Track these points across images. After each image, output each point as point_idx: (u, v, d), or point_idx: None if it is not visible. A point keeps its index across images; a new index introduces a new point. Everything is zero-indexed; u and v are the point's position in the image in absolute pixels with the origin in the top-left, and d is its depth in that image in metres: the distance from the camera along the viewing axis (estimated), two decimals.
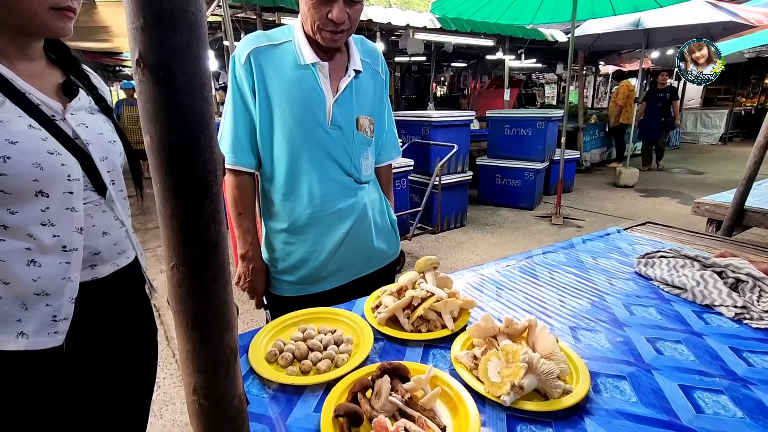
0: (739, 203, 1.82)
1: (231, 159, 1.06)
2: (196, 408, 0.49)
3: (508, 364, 0.71)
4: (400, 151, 1.35)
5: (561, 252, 1.38)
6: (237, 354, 0.50)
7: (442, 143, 3.89)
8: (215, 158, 0.41)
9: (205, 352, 0.47)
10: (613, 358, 0.82)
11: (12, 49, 0.75)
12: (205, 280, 0.44)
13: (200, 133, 0.39)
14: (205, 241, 0.43)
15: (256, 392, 0.72)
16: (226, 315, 0.47)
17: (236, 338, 0.50)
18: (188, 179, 0.40)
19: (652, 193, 5.96)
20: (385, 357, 0.82)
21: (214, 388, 0.49)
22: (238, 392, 0.52)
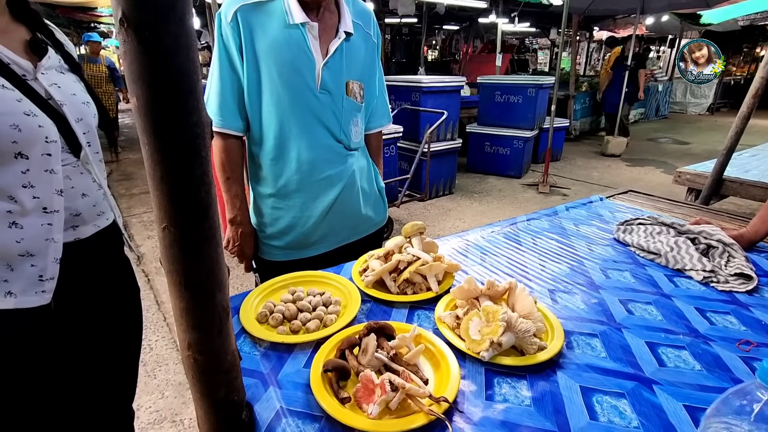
0: (718, 173, 1.87)
1: (218, 122, 1.05)
2: (191, 362, 0.52)
3: (488, 323, 0.75)
4: (391, 118, 1.34)
5: (545, 219, 1.42)
6: (229, 312, 0.52)
7: (432, 110, 3.85)
8: (203, 121, 0.42)
9: (198, 310, 0.49)
10: (587, 318, 0.87)
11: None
12: (197, 240, 0.45)
13: (188, 94, 0.40)
14: (195, 203, 0.44)
15: (248, 350, 0.75)
16: (218, 275, 0.49)
17: (228, 297, 0.52)
18: (177, 142, 0.41)
19: (638, 163, 6.04)
20: (372, 318, 0.86)
21: (208, 344, 0.51)
22: (231, 348, 0.54)
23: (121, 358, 1.00)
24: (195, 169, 0.42)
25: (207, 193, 0.44)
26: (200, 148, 0.42)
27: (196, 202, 0.43)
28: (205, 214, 0.44)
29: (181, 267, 0.45)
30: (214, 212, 0.46)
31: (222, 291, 0.50)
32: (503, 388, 0.67)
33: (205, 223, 0.45)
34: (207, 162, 0.43)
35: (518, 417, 0.61)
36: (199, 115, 0.41)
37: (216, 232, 0.47)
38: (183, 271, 0.46)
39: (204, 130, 0.42)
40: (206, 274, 0.47)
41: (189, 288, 0.47)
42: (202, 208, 0.44)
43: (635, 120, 9.94)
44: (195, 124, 0.41)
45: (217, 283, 0.49)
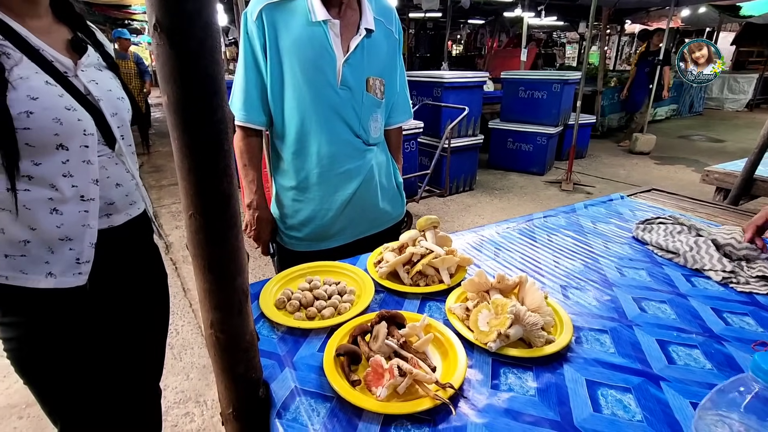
0: (749, 172, 1.81)
1: (242, 116, 1.09)
2: (214, 340, 0.56)
3: (497, 315, 0.77)
4: (412, 114, 1.36)
5: (562, 216, 1.41)
6: (248, 295, 0.56)
7: (453, 105, 3.83)
8: (226, 117, 0.45)
9: (220, 291, 0.53)
10: (598, 314, 0.87)
11: (21, 5, 0.77)
12: (219, 227, 0.49)
13: (213, 94, 0.43)
14: (218, 193, 0.47)
15: (267, 333, 0.80)
16: (238, 260, 0.53)
17: (247, 282, 0.56)
18: (203, 137, 0.45)
19: (668, 161, 5.85)
20: (385, 307, 0.89)
21: (229, 324, 0.55)
22: (249, 329, 0.58)
23: (149, 337, 1.07)
24: (219, 162, 0.46)
25: (229, 184, 0.48)
26: (223, 142, 0.45)
27: (220, 192, 0.47)
28: (227, 203, 0.48)
29: (206, 252, 0.49)
30: (236, 202, 0.49)
31: (242, 275, 0.54)
32: (509, 378, 0.69)
33: (227, 211, 0.49)
34: (229, 155, 0.47)
35: (522, 406, 0.63)
36: (222, 113, 0.44)
37: (237, 220, 0.50)
38: (207, 255, 0.50)
39: (227, 125, 0.45)
40: (228, 258, 0.51)
41: (212, 271, 0.51)
42: (224, 197, 0.48)
43: (667, 117, 9.59)
44: (219, 121, 0.44)
45: (238, 268, 0.53)
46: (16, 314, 0.80)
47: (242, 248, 0.53)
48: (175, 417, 1.70)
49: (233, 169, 0.48)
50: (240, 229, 0.52)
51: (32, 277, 0.78)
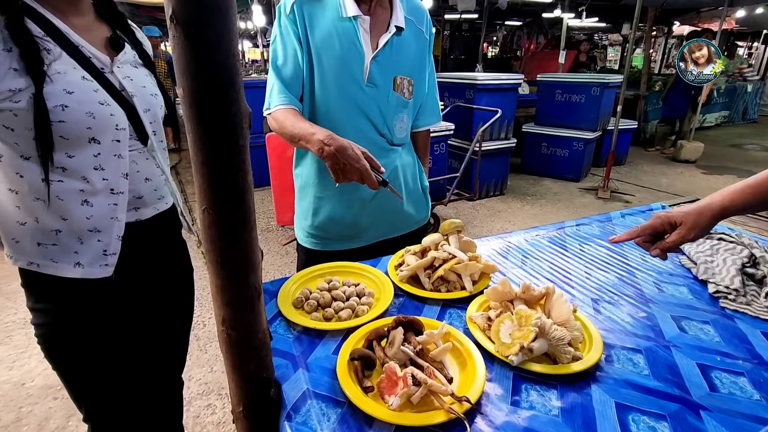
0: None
1: (285, 100, 1.05)
2: (225, 337, 0.55)
3: (521, 327, 0.73)
4: (440, 117, 1.33)
5: (596, 225, 1.34)
6: (261, 293, 0.55)
7: (486, 107, 3.75)
8: (242, 112, 0.44)
9: (232, 288, 0.52)
10: (632, 332, 0.82)
11: (64, 3, 0.80)
12: (233, 223, 0.48)
13: (229, 87, 0.42)
14: (232, 188, 0.47)
15: (282, 332, 0.79)
16: (251, 257, 0.52)
17: (260, 279, 0.55)
18: (218, 130, 0.44)
19: (716, 170, 5.50)
20: (404, 312, 0.87)
21: (240, 321, 0.55)
22: (261, 327, 0.57)
23: (173, 331, 1.09)
24: (233, 156, 0.45)
25: (243, 179, 0.47)
26: (239, 137, 0.45)
27: (234, 187, 0.46)
28: (241, 198, 0.47)
29: (218, 247, 0.49)
30: (250, 198, 0.49)
31: (254, 272, 0.53)
32: (531, 395, 0.65)
33: (241, 207, 0.48)
34: (245, 150, 0.46)
35: (543, 426, 0.59)
36: (238, 106, 0.43)
37: (251, 216, 0.50)
38: (219, 251, 0.49)
39: (243, 120, 0.45)
40: (241, 255, 0.50)
41: (225, 267, 0.50)
42: (238, 193, 0.47)
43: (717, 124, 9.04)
44: (234, 115, 0.43)
45: (251, 265, 0.52)
46: (46, 301, 0.83)
47: (256, 245, 0.52)
48: (197, 408, 1.74)
49: (248, 164, 0.47)
50: (254, 225, 0.51)
51: (62, 266, 0.81)
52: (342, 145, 0.93)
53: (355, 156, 0.93)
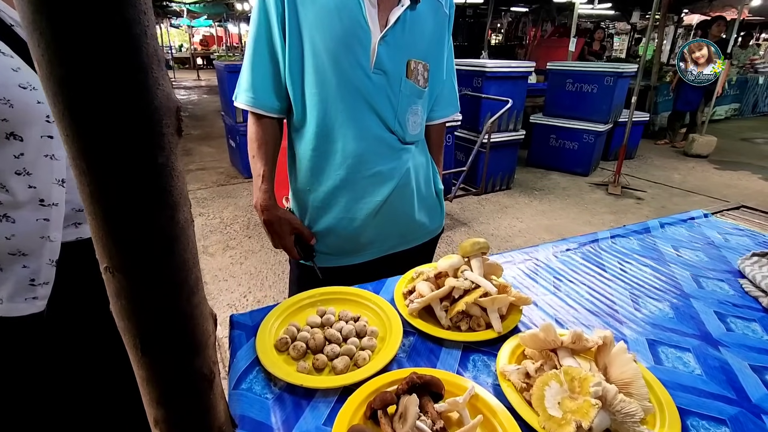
0: None
1: (250, 99, 0.91)
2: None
3: (573, 394, 0.55)
4: (459, 108, 1.14)
5: (633, 237, 1.16)
6: (213, 377, 0.37)
7: (496, 97, 3.54)
8: (162, 106, 0.25)
9: (165, 380, 0.33)
10: (706, 390, 0.64)
11: None
12: (157, 288, 0.30)
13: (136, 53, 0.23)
14: (152, 235, 0.28)
15: (259, 390, 0.61)
16: (193, 332, 0.33)
17: (212, 357, 0.36)
18: (116, 137, 0.25)
19: (729, 166, 5.31)
20: (415, 357, 0.69)
21: (181, 422, 0.36)
22: (217, 424, 0.39)
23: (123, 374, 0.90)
24: (149, 184, 0.26)
25: (171, 218, 0.28)
26: (155, 149, 0.26)
27: (153, 231, 0.28)
28: (168, 250, 0.29)
29: (134, 324, 0.30)
30: (186, 246, 0.30)
31: (201, 353, 0.34)
32: None
33: (169, 263, 0.29)
34: (172, 173, 0.27)
35: None
36: (151, 96, 0.24)
37: (189, 273, 0.31)
38: (137, 329, 0.31)
39: (164, 119, 0.26)
40: (174, 332, 0.32)
41: (149, 352, 0.32)
42: (163, 241, 0.28)
43: (727, 117, 8.80)
44: (147, 109, 0.25)
45: (193, 344, 0.33)
46: None
47: (200, 314, 0.33)
48: None
49: (181, 193, 0.28)
50: (196, 286, 0.32)
51: None
52: (269, 221, 0.96)
53: (280, 232, 0.97)
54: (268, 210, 0.95)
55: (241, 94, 0.92)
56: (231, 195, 3.89)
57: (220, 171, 4.57)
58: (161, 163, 0.26)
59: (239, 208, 3.59)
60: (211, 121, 7.18)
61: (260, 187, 0.94)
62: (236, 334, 0.72)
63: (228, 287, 2.45)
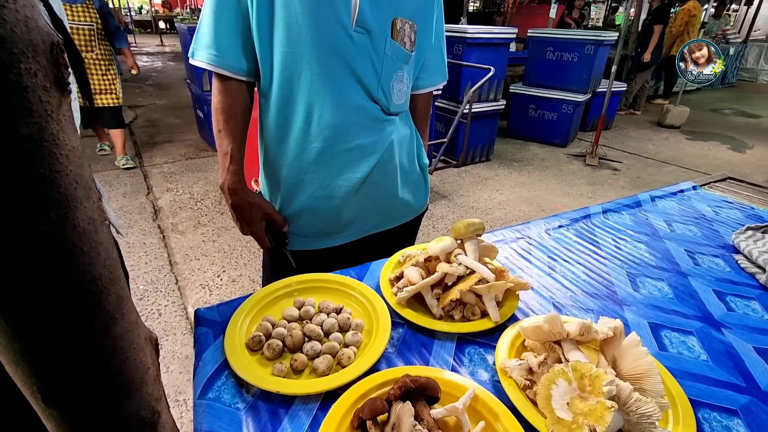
0: None
1: (212, 57, 0.78)
2: None
3: (583, 393, 0.49)
4: (447, 76, 1.03)
5: (625, 212, 1.11)
6: (158, 418, 0.28)
7: (477, 65, 3.42)
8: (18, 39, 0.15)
9: None
10: (714, 378, 0.60)
11: None
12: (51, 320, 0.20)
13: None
14: (26, 247, 0.18)
15: (229, 400, 0.53)
16: (119, 371, 0.24)
17: (154, 394, 0.28)
18: None
19: (700, 136, 5.41)
20: (405, 352, 0.62)
21: None
22: None
23: None
24: (4, 166, 0.16)
25: (61, 220, 0.19)
26: (17, 105, 0.16)
27: (28, 242, 0.18)
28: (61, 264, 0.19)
29: (27, 371, 0.21)
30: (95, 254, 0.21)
31: (135, 394, 0.26)
32: None
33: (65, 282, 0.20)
34: (51, 147, 0.18)
35: None
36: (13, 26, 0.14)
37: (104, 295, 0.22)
38: (34, 377, 0.22)
39: (28, 60, 0.16)
40: (90, 375, 0.23)
41: (55, 403, 0.23)
42: (47, 252, 0.19)
43: (697, 88, 8.94)
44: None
45: (121, 386, 0.25)
46: None
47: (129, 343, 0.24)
48: None
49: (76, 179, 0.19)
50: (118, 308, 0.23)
51: None
52: (238, 205, 0.85)
53: (249, 218, 0.86)
54: (237, 193, 0.84)
55: (201, 50, 0.78)
56: (201, 169, 3.69)
57: (189, 143, 4.32)
58: (27, 135, 0.16)
59: (210, 182, 3.41)
60: (177, 90, 6.76)
61: (227, 167, 0.83)
62: (202, 331, 0.64)
63: (200, 266, 2.33)
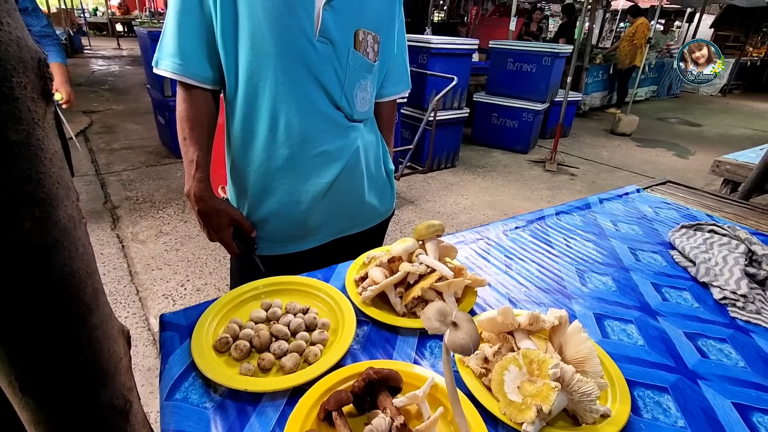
0: (766, 166, 1.64)
1: (176, 66, 0.78)
2: None
3: (532, 377, 0.54)
4: (410, 85, 1.08)
5: (576, 214, 1.20)
6: (130, 407, 0.30)
7: (441, 74, 3.52)
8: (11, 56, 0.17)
9: (58, 422, 0.26)
10: (649, 360, 0.67)
11: None
12: (33, 311, 0.22)
13: None
14: (11, 242, 0.20)
15: (197, 400, 0.54)
16: (94, 359, 0.26)
17: (127, 384, 0.30)
18: None
19: (648, 143, 5.79)
20: (370, 348, 0.65)
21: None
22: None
23: None
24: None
25: (44, 218, 0.21)
26: (9, 115, 0.18)
27: (13, 237, 0.20)
28: (43, 258, 0.21)
29: (6, 361, 0.23)
30: (74, 249, 0.23)
31: (109, 383, 0.27)
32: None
33: (46, 275, 0.22)
34: (37, 152, 0.20)
35: None
36: None
37: (81, 287, 0.24)
38: (12, 366, 0.23)
39: (19, 74, 0.18)
40: (67, 364, 0.25)
41: (32, 392, 0.24)
42: (32, 248, 0.21)
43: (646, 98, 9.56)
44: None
45: (96, 374, 0.26)
46: None
47: (104, 333, 0.26)
48: None
49: (57, 180, 0.21)
50: (93, 299, 0.25)
51: None
52: (205, 212, 0.85)
53: (217, 225, 0.86)
54: (203, 200, 0.84)
55: (166, 59, 0.79)
56: (162, 176, 3.58)
57: (149, 150, 4.19)
58: (17, 140, 0.18)
59: (172, 190, 3.31)
60: (136, 95, 6.53)
61: (194, 175, 0.83)
62: (168, 336, 0.64)
63: (163, 276, 2.27)
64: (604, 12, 13.14)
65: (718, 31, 12.50)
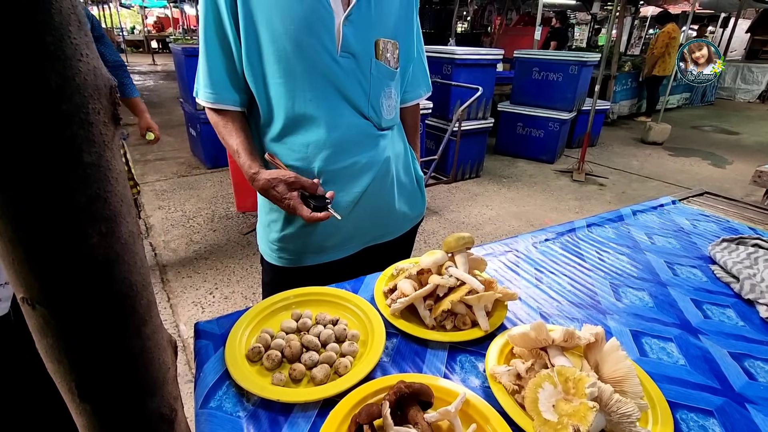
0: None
1: (210, 96, 0.84)
2: None
3: (567, 395, 0.53)
4: (431, 87, 1.09)
5: (608, 226, 1.16)
6: (175, 416, 0.31)
7: (466, 84, 3.52)
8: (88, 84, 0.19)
9: (111, 428, 0.27)
10: (692, 381, 0.64)
11: None
12: (94, 322, 0.23)
13: (41, 8, 0.17)
14: (81, 256, 0.21)
15: (230, 408, 0.55)
16: (146, 369, 0.27)
17: (173, 393, 0.30)
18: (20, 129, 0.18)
19: (682, 153, 5.58)
20: (399, 361, 0.65)
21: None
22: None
23: None
24: (72, 187, 0.20)
25: (108, 233, 0.22)
26: (83, 138, 0.19)
27: (84, 251, 0.21)
28: (106, 271, 0.22)
29: (67, 368, 0.24)
30: (133, 263, 0.24)
31: (158, 392, 0.28)
32: None
33: (108, 287, 0.23)
34: (106, 172, 0.21)
35: None
36: (72, 71, 0.18)
37: (137, 298, 0.25)
38: (72, 373, 0.24)
39: (94, 101, 0.19)
40: (122, 373, 0.26)
41: (90, 398, 0.25)
42: (97, 262, 0.22)
43: (679, 105, 9.25)
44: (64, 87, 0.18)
45: (147, 383, 0.27)
46: None
47: (156, 344, 0.27)
48: None
49: (121, 198, 0.22)
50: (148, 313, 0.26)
51: None
52: (263, 188, 0.83)
53: (279, 195, 0.82)
54: (254, 180, 0.83)
55: (201, 90, 0.85)
56: (193, 186, 3.70)
57: (181, 161, 4.34)
58: (90, 162, 0.19)
59: (202, 200, 3.42)
60: (169, 108, 6.81)
61: (240, 162, 0.84)
62: (202, 344, 0.66)
63: (193, 284, 2.33)
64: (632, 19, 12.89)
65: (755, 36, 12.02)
